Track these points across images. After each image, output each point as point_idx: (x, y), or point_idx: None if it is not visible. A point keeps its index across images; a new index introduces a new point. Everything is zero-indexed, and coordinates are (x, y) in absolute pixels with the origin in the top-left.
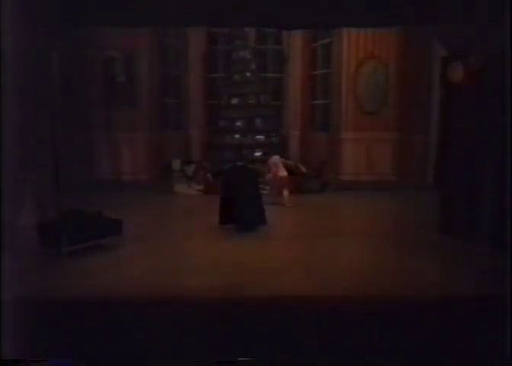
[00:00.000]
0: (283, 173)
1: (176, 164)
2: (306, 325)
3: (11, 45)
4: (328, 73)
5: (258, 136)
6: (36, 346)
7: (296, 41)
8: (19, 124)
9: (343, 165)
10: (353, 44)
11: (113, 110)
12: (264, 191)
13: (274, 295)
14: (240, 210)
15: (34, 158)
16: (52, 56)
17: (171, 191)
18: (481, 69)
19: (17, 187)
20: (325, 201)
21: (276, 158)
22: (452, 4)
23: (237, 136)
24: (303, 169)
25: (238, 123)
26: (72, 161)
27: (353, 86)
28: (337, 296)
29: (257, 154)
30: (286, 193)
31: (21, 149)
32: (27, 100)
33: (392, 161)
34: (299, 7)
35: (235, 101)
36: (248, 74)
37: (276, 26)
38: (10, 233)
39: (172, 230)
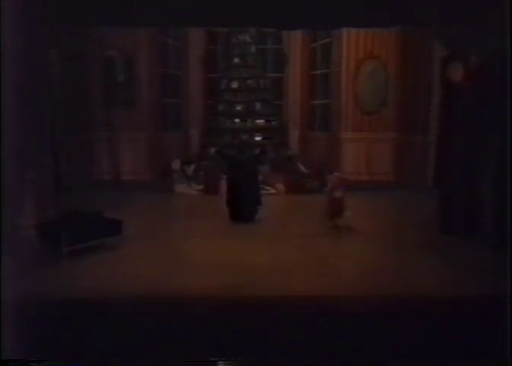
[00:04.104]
0: (339, 194)
1: (176, 164)
2: (306, 325)
3: (11, 45)
4: (328, 73)
5: (258, 120)
6: (37, 346)
7: (295, 41)
8: (19, 124)
9: (343, 164)
10: (353, 44)
11: (113, 110)
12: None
13: (274, 295)
14: (239, 204)
15: (34, 158)
16: (52, 56)
17: (171, 190)
18: (481, 68)
19: (17, 187)
20: (325, 201)
21: (334, 177)
22: (452, 5)
23: (237, 120)
24: (302, 169)
25: (238, 108)
26: (72, 161)
27: (353, 86)
28: (337, 297)
29: (257, 138)
30: (340, 218)
31: (21, 149)
32: (27, 100)
33: (391, 161)
34: (299, 7)
35: (234, 84)
36: (248, 57)
37: (276, 26)
38: (10, 233)
39: (172, 230)
